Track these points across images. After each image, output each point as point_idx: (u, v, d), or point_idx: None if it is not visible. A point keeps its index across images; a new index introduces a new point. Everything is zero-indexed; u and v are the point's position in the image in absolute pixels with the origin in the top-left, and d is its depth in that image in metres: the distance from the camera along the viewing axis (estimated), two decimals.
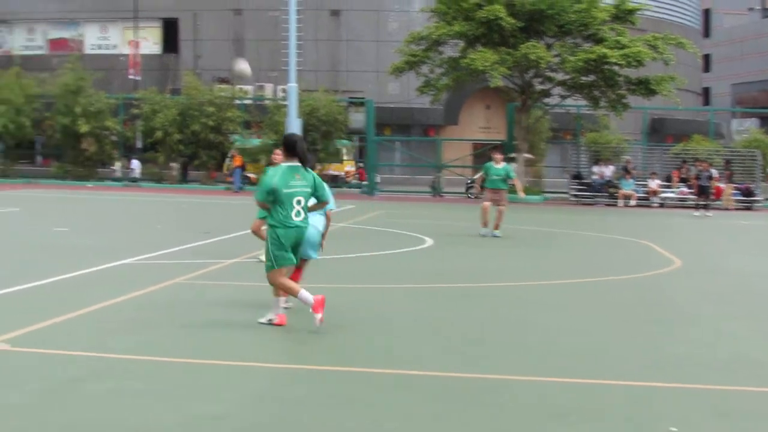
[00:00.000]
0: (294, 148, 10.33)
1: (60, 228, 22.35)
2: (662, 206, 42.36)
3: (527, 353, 9.59)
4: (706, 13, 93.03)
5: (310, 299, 10.10)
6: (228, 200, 37.19)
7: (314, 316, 10.07)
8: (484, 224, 23.18)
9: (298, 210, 10.22)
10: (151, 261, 16.32)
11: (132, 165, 51.90)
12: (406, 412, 7.20)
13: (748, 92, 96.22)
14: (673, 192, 43.40)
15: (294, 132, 11.64)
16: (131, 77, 60.28)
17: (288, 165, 10.30)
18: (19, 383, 7.72)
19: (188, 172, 51.91)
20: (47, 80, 52.30)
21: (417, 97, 50.43)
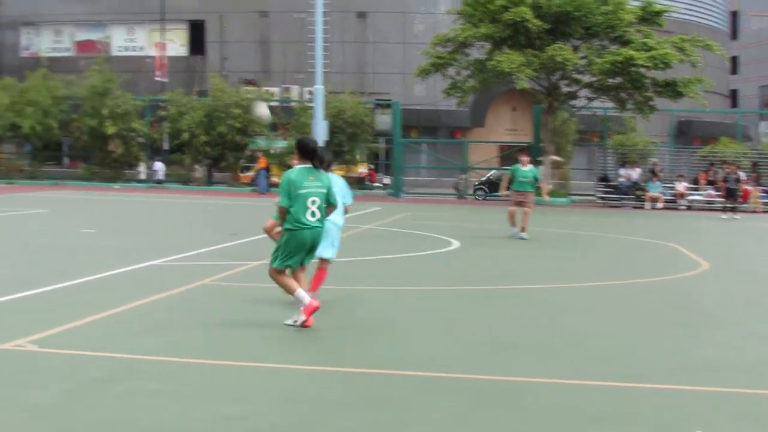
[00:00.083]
0: (306, 150, 10.42)
1: (87, 229, 22.43)
2: (689, 209, 42.20)
3: (555, 356, 9.55)
4: (734, 15, 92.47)
5: (306, 300, 10.22)
6: (254, 202, 37.22)
7: (300, 314, 10.25)
8: (513, 224, 23.23)
9: (313, 210, 10.29)
10: (178, 263, 16.36)
11: (155, 167, 52.03)
12: (433, 414, 7.18)
13: None
14: (701, 194, 43.23)
15: (307, 135, 11.70)
16: (158, 79, 60.49)
17: (302, 167, 10.40)
18: (46, 384, 7.74)
19: (213, 174, 52.05)
20: (74, 82, 52.62)
21: (443, 99, 50.49)
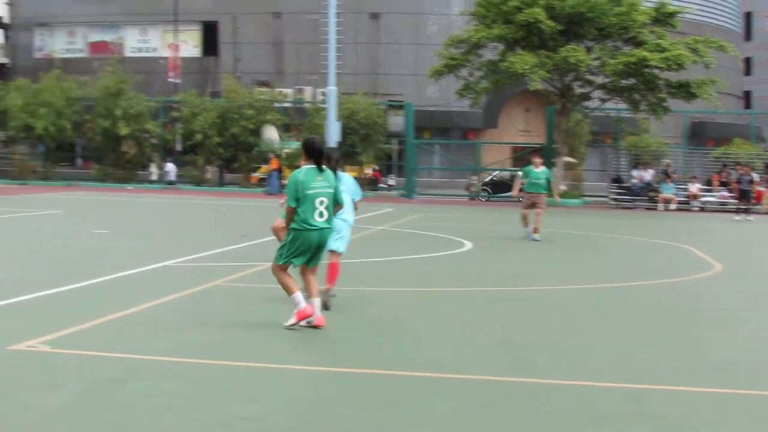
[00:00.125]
0: (313, 150, 10.44)
1: (100, 230, 22.46)
2: (702, 210, 42.11)
3: (567, 357, 9.52)
4: (748, 16, 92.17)
5: (302, 305, 10.27)
6: (265, 203, 37.23)
7: (292, 316, 10.30)
8: (525, 225, 23.22)
9: (321, 211, 10.30)
10: (190, 264, 16.37)
11: (167, 168, 52.06)
12: (445, 416, 7.16)
13: None
14: (714, 196, 43.12)
15: (314, 135, 11.72)
16: (171, 80, 60.59)
17: (308, 167, 10.41)
18: (59, 385, 7.74)
19: (224, 175, 52.09)
20: (88, 83, 52.79)
21: (456, 101, 50.47)
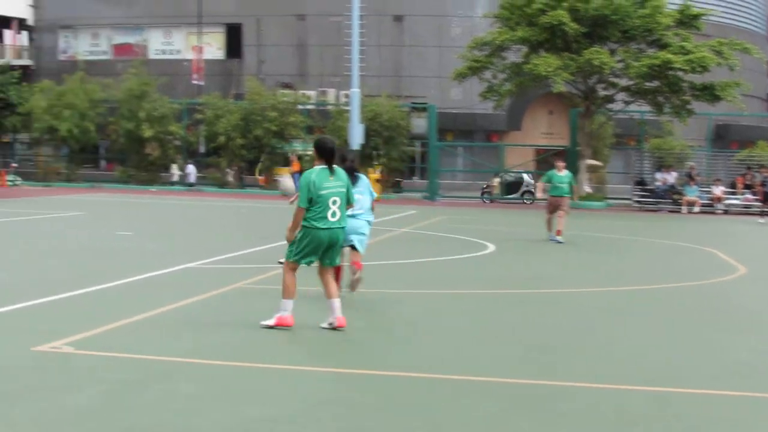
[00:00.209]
0: (324, 150, 10.50)
1: (124, 232, 22.53)
2: (726, 213, 41.90)
3: (591, 360, 9.49)
4: None
5: (287, 312, 10.40)
6: (285, 204, 37.19)
7: (271, 319, 10.43)
8: (550, 229, 23.29)
9: (334, 210, 10.35)
10: (213, 265, 16.41)
11: (188, 170, 52.09)
12: (465, 419, 7.14)
13: None
14: (738, 199, 42.89)
15: (326, 136, 11.78)
16: (194, 82, 60.65)
17: (320, 167, 10.45)
18: (83, 386, 7.78)
19: (244, 177, 52.10)
20: (111, 85, 52.90)
21: (480, 103, 50.34)
